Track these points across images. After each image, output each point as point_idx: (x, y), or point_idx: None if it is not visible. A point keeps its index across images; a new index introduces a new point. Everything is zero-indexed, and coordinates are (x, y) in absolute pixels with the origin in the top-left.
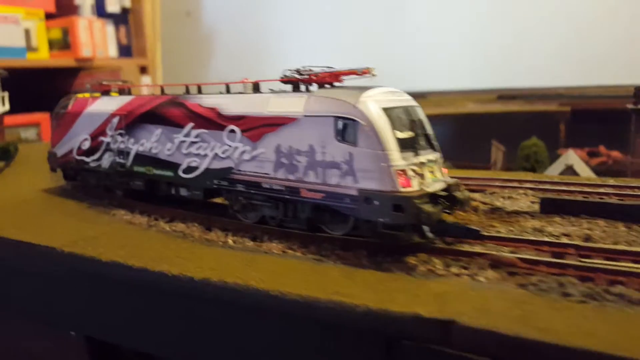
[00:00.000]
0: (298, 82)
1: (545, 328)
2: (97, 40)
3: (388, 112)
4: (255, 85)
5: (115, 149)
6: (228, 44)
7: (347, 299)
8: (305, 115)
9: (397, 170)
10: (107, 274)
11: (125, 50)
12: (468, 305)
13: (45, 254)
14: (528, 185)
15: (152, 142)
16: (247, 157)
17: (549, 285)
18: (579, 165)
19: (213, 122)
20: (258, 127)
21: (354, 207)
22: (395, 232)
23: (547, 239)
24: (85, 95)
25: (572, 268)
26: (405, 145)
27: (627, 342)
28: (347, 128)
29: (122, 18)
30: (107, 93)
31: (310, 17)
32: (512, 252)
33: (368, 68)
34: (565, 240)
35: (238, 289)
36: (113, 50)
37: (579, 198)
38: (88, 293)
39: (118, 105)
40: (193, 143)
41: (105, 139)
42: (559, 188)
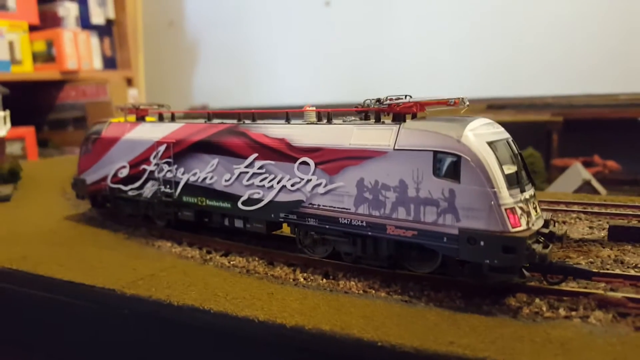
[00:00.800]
0: (379, 111)
1: None
2: (82, 52)
3: (492, 146)
4: (329, 115)
5: (161, 178)
6: (211, 54)
7: (468, 352)
8: (396, 149)
9: (507, 209)
10: (181, 320)
11: (110, 62)
12: (601, 357)
13: (105, 296)
14: (575, 208)
15: (206, 172)
16: (321, 190)
17: None
18: (594, 181)
19: (282, 153)
20: (337, 159)
21: (453, 247)
22: (504, 274)
23: (634, 273)
24: (120, 120)
25: None
26: (512, 182)
27: None
28: (448, 163)
29: (106, 30)
30: (142, 118)
31: (295, 26)
32: (610, 289)
33: (459, 98)
34: None
35: (338, 338)
36: (98, 63)
37: None
38: (158, 341)
39: (165, 133)
40: (256, 174)
41: (149, 167)
42: (611, 211)
